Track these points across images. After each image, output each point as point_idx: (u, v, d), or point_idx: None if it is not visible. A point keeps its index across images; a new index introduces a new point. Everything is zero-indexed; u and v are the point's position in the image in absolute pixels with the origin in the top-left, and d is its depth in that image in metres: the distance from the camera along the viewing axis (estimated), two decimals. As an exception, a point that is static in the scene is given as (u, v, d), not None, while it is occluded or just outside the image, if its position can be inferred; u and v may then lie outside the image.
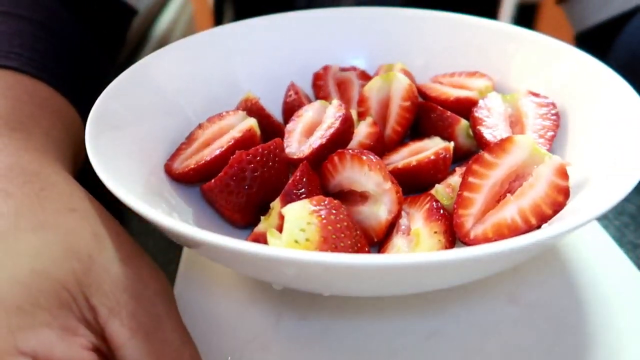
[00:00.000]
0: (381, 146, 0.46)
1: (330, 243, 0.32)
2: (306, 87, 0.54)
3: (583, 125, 0.42)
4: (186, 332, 0.31)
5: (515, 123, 0.44)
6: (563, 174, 0.34)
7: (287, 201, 0.37)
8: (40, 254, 0.28)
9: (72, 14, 0.53)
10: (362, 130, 0.45)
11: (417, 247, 0.37)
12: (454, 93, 0.49)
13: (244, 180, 0.38)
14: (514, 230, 0.34)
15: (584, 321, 0.36)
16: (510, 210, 0.34)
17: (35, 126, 0.38)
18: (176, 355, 0.29)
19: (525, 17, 1.45)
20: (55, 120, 0.41)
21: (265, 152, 0.39)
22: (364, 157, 0.37)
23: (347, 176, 0.38)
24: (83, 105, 0.44)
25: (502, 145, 0.35)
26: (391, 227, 0.38)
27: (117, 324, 0.28)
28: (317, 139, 0.42)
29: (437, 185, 0.41)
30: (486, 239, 0.34)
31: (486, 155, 0.36)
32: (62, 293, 0.27)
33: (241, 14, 0.87)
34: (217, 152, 0.41)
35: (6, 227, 0.29)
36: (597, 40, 0.66)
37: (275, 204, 0.37)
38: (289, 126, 0.45)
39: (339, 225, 0.32)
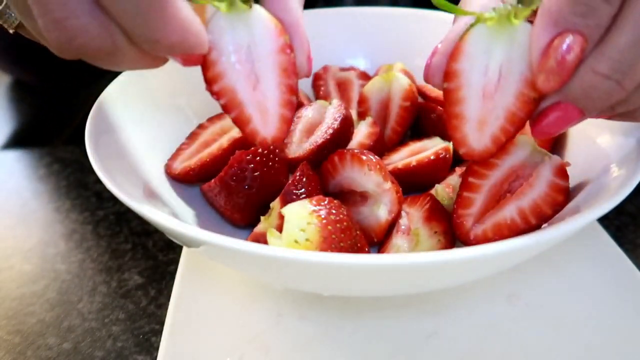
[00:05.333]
0: (381, 146, 0.46)
1: (330, 243, 0.32)
2: (306, 87, 0.54)
3: (583, 125, 0.42)
4: None
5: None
6: (563, 174, 0.34)
7: (287, 201, 0.37)
8: None
9: None
10: (362, 130, 0.45)
11: (417, 247, 0.37)
12: (454, 93, 0.49)
13: (244, 180, 0.38)
14: (514, 230, 0.34)
15: (584, 321, 0.36)
16: (510, 210, 0.34)
17: None
18: None
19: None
20: None
21: (265, 152, 0.39)
22: (364, 157, 0.37)
23: (347, 176, 0.38)
24: None
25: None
26: (391, 227, 0.38)
27: None
28: (317, 139, 0.42)
29: (437, 185, 0.41)
30: (486, 239, 0.34)
31: (486, 156, 0.36)
32: None
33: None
34: (217, 152, 0.41)
35: None
36: None
37: (275, 204, 0.37)
38: (289, 126, 0.45)
39: (338, 225, 0.32)
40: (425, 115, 0.48)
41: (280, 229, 0.33)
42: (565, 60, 0.26)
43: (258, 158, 0.38)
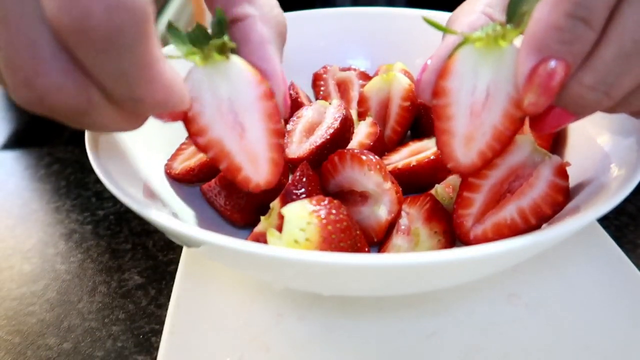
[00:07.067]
0: (381, 146, 0.46)
1: (330, 243, 0.32)
2: (306, 87, 0.54)
3: (583, 125, 0.42)
4: None
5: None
6: (563, 174, 0.34)
7: (286, 201, 0.37)
8: None
9: None
10: (362, 130, 0.45)
11: (417, 247, 0.37)
12: (454, 93, 0.49)
13: (244, 180, 0.38)
14: (514, 230, 0.34)
15: (584, 321, 0.36)
16: (509, 210, 0.34)
17: None
18: None
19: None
20: None
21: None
22: (364, 157, 0.37)
23: (347, 176, 0.38)
24: None
25: (502, 145, 0.36)
26: (391, 227, 0.38)
27: None
28: (317, 139, 0.42)
29: (437, 185, 0.41)
30: (486, 239, 0.34)
31: (486, 155, 0.36)
32: None
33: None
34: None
35: None
36: None
37: (275, 204, 0.37)
38: (289, 126, 0.45)
39: (338, 225, 0.32)
40: (425, 115, 0.48)
41: (280, 229, 0.33)
42: (549, 86, 0.26)
43: (258, 158, 0.38)
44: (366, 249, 0.35)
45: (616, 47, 0.25)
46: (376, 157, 0.38)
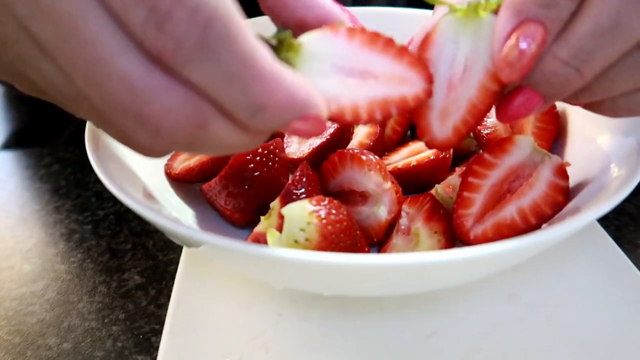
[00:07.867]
0: (381, 146, 0.46)
1: (330, 243, 0.32)
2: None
3: (583, 125, 0.42)
4: None
5: (515, 123, 0.44)
6: (563, 174, 0.34)
7: (286, 201, 0.37)
8: None
9: None
10: (362, 130, 0.45)
11: (417, 247, 0.37)
12: (454, 93, 0.49)
13: (244, 181, 0.38)
14: (514, 230, 0.34)
15: (584, 321, 0.36)
16: (510, 210, 0.34)
17: None
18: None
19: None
20: None
21: (265, 152, 0.39)
22: (364, 157, 0.37)
23: (347, 176, 0.38)
24: None
25: (502, 145, 0.35)
26: (391, 227, 0.38)
27: None
28: (317, 140, 0.42)
29: (437, 185, 0.41)
30: (486, 239, 0.34)
31: (486, 155, 0.36)
32: None
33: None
34: (217, 152, 0.41)
35: None
36: None
37: (275, 204, 0.37)
38: (289, 126, 0.45)
39: (338, 225, 0.32)
40: (425, 115, 0.48)
41: (280, 229, 0.33)
42: (526, 51, 0.26)
43: (258, 158, 0.38)
44: (366, 249, 0.35)
45: (592, 22, 0.25)
46: (376, 157, 0.38)
